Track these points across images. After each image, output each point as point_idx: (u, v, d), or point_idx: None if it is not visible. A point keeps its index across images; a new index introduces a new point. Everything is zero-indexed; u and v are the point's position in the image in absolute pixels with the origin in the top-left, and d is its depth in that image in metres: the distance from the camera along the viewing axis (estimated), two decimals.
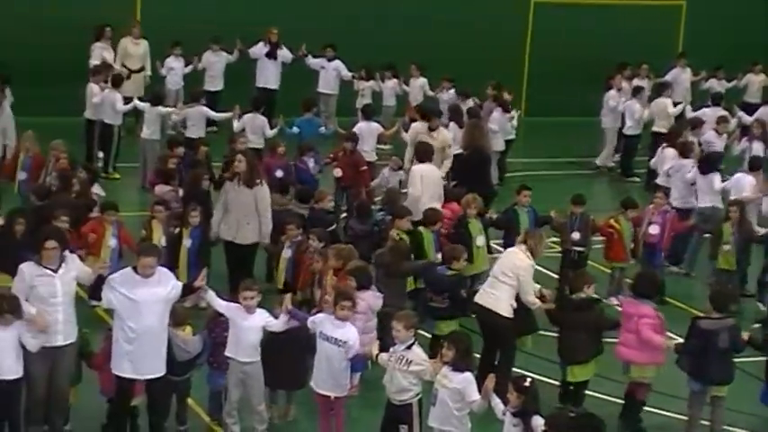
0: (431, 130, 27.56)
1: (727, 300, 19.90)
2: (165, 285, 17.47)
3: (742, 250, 25.11)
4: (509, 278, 19.58)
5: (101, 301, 19.70)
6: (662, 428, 19.70)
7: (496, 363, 19.67)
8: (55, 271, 17.55)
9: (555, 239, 24.71)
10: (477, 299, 20.02)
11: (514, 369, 19.58)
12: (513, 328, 19.64)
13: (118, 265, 21.37)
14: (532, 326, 20.31)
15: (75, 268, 17.96)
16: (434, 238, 22.75)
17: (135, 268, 17.49)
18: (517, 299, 19.86)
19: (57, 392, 17.77)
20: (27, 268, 17.66)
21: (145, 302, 17.10)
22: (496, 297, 19.60)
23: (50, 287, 17.48)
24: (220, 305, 18.11)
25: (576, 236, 23.91)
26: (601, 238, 25.07)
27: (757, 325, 21.49)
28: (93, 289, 20.14)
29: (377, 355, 17.29)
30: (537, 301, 19.76)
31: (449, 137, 27.64)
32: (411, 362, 16.69)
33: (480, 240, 23.27)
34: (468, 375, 16.20)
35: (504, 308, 19.51)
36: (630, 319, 19.04)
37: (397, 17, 36.75)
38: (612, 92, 33.83)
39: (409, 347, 16.85)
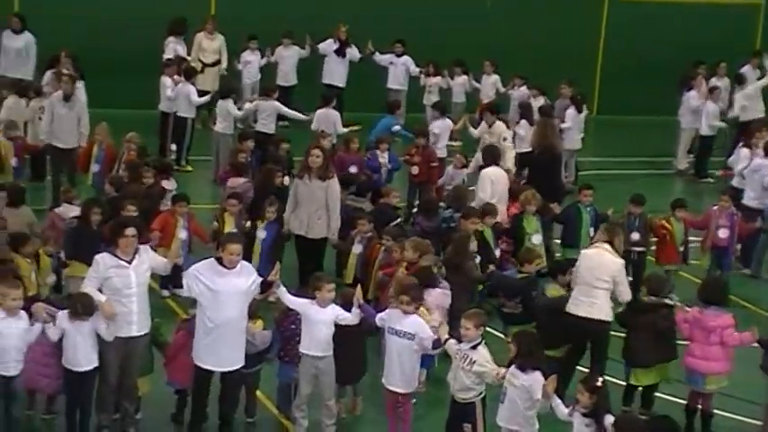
0: (488, 125, 27.74)
1: None
2: (247, 278, 17.58)
3: None
4: (606, 283, 19.15)
5: (175, 290, 20.97)
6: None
7: (587, 368, 18.95)
8: (129, 262, 17.61)
9: None
10: (573, 310, 19.37)
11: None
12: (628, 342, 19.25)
13: (187, 258, 22.00)
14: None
15: (148, 259, 18.03)
16: (492, 234, 22.71)
17: (219, 259, 17.63)
18: None
19: (128, 381, 17.90)
20: (102, 259, 17.71)
21: (226, 293, 17.25)
22: (596, 304, 19.18)
23: (125, 278, 17.57)
24: (291, 301, 18.06)
25: (635, 236, 23.30)
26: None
27: None
28: (168, 279, 20.41)
29: (446, 340, 17.20)
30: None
31: (503, 129, 27.60)
32: (475, 362, 16.59)
33: (536, 238, 23.11)
34: (537, 374, 15.99)
35: (606, 313, 19.26)
36: (713, 332, 18.40)
37: (468, 16, 36.50)
38: (694, 92, 33.29)
39: (475, 347, 16.73)
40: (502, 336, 20.30)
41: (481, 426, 16.91)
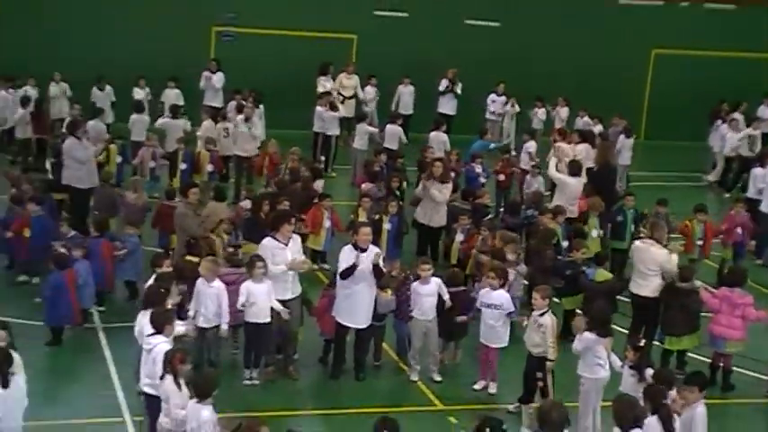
0: (569, 143, 27.60)
1: None
2: (375, 257, 18.06)
3: None
4: (653, 270, 19.40)
5: (323, 265, 21.84)
6: (746, 386, 19.21)
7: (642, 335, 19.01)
8: (286, 245, 18.12)
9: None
10: (634, 289, 19.80)
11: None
12: (664, 315, 19.40)
13: (330, 240, 22.72)
14: None
15: (297, 244, 18.59)
16: (562, 229, 22.41)
17: (355, 245, 18.02)
18: None
19: (289, 331, 18.31)
20: (267, 242, 18.31)
21: (360, 270, 17.67)
22: (648, 286, 19.44)
23: (283, 256, 18.02)
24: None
25: None
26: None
27: None
28: (315, 257, 20.70)
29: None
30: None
31: (581, 149, 27.49)
32: (542, 325, 16.85)
33: (595, 233, 22.99)
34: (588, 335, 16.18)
35: (654, 291, 19.42)
36: (738, 307, 18.58)
37: (548, 59, 35.54)
38: (722, 122, 32.83)
39: (542, 314, 16.96)
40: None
41: (550, 379, 16.92)
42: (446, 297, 18.48)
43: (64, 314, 19.23)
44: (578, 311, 19.23)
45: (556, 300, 19.48)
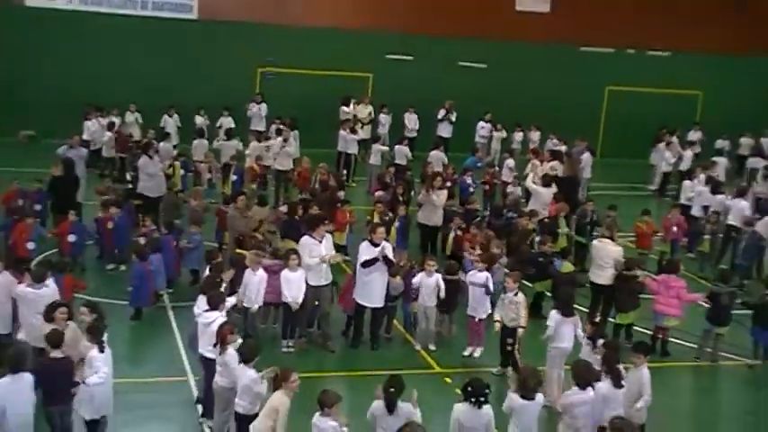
0: (541, 162, 27.86)
1: (727, 276, 20.23)
2: (386, 251, 18.29)
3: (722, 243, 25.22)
4: (608, 263, 19.69)
5: (346, 257, 21.36)
6: (680, 353, 19.55)
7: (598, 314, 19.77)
8: (320, 242, 18.35)
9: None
10: (592, 278, 20.14)
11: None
12: (615, 297, 19.71)
13: (349, 236, 22.94)
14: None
15: (329, 241, 18.74)
16: (537, 228, 22.72)
17: (371, 241, 18.28)
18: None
19: (322, 310, 18.60)
20: (306, 240, 18.50)
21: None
22: (604, 276, 19.75)
23: (318, 251, 18.25)
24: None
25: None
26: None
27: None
28: (338, 251, 20.79)
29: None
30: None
31: (553, 165, 27.68)
32: (516, 302, 17.33)
33: (563, 230, 23.19)
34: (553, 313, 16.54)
35: (609, 279, 19.74)
36: (673, 290, 19.00)
37: (524, 93, 35.76)
38: (662, 144, 33.09)
39: (516, 294, 17.44)
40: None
41: (518, 346, 17.40)
42: (442, 288, 18.58)
43: (145, 298, 19.65)
44: (547, 293, 20.28)
45: (528, 284, 20.01)
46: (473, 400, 12.52)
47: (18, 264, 17.05)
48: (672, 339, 19.62)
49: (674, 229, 24.72)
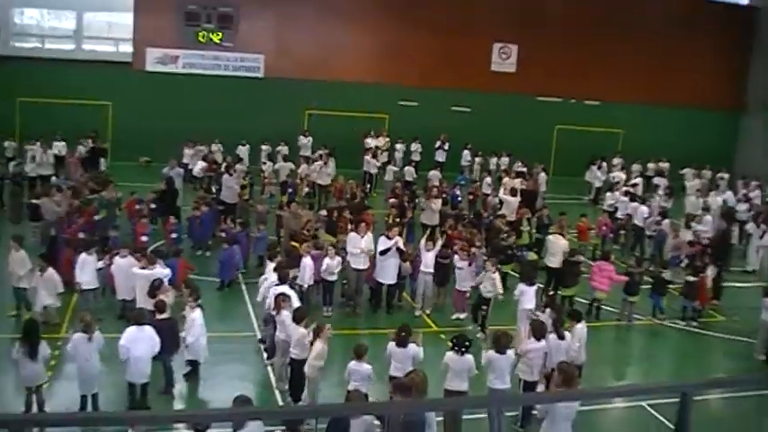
0: (511, 178, 27.89)
1: (639, 260, 20.35)
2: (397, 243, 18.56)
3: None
4: (561, 252, 19.83)
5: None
6: (609, 316, 19.68)
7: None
8: (362, 237, 18.50)
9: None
10: (548, 263, 20.23)
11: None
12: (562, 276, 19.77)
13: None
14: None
15: (369, 237, 18.72)
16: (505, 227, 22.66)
17: (386, 236, 18.52)
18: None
19: (360, 287, 18.72)
20: (352, 235, 18.77)
21: (389, 250, 18.44)
22: (557, 260, 19.86)
23: (359, 243, 18.48)
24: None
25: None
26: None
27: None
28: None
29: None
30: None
31: (518, 181, 27.71)
32: (493, 278, 17.56)
33: (525, 228, 22.99)
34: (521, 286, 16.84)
35: (558, 263, 19.82)
36: (603, 271, 19.25)
37: (498, 129, 35.43)
38: (594, 167, 32.92)
39: (493, 273, 17.65)
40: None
41: (490, 312, 17.62)
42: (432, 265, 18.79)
43: (228, 274, 19.91)
44: (512, 272, 20.17)
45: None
46: (457, 349, 12.77)
47: (136, 251, 17.46)
48: (603, 306, 19.77)
49: (604, 227, 24.81)
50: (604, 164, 33.75)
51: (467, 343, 12.97)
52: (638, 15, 36.50)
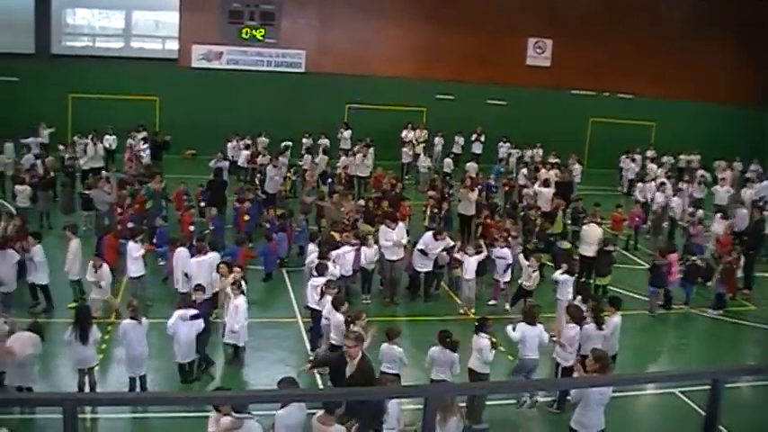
0: (546, 169, 27.64)
1: (664, 250, 20.10)
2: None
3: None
4: (596, 241, 19.65)
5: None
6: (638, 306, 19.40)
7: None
8: (393, 229, 18.49)
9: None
10: (581, 252, 19.97)
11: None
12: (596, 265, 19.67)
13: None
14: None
15: (401, 228, 18.84)
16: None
17: (435, 236, 18.48)
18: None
19: (397, 277, 18.67)
20: (383, 228, 18.74)
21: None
22: (592, 248, 19.65)
23: (391, 236, 18.45)
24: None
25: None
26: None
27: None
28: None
29: None
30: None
31: (552, 173, 27.31)
32: (532, 276, 17.66)
33: (560, 217, 22.76)
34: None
35: (593, 252, 19.64)
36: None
37: (532, 122, 34.84)
38: (627, 159, 32.56)
39: (534, 272, 17.78)
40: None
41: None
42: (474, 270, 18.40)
43: (271, 264, 19.98)
44: (548, 263, 19.81)
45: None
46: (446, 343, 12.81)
47: (184, 241, 17.69)
48: (635, 296, 19.58)
49: (637, 218, 24.64)
50: (638, 156, 33.45)
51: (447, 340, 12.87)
52: (671, 9, 36.04)
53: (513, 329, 13.64)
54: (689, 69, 36.23)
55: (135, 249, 17.29)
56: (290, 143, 29.82)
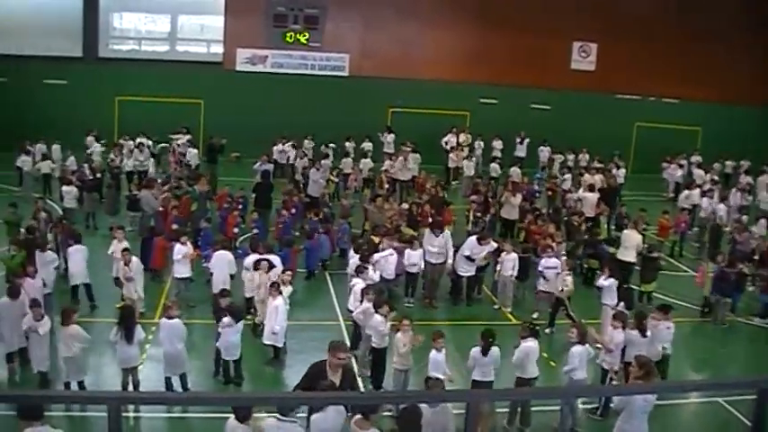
0: (591, 175, 27.51)
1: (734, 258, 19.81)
2: None
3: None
4: (636, 246, 19.58)
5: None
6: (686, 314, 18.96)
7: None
8: (437, 236, 18.46)
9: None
10: (619, 256, 19.72)
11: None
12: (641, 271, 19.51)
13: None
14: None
15: (446, 234, 18.71)
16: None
17: (479, 240, 18.52)
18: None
19: (438, 281, 18.71)
20: (428, 234, 18.70)
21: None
22: (632, 254, 19.57)
23: (436, 243, 18.40)
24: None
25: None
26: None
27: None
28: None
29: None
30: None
31: (598, 178, 27.23)
32: (565, 279, 17.54)
33: (603, 224, 22.86)
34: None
35: (633, 257, 19.55)
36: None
37: (576, 126, 34.74)
38: (673, 164, 32.36)
39: (568, 274, 17.77)
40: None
41: (571, 308, 17.37)
42: (516, 264, 18.53)
43: (314, 264, 20.09)
44: (595, 269, 19.62)
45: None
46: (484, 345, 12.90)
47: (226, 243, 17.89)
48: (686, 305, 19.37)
49: (683, 224, 24.40)
50: (684, 161, 33.05)
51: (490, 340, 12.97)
52: (717, 11, 35.53)
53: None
54: (735, 73, 35.73)
55: (180, 251, 17.50)
56: (332, 145, 29.96)
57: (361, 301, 14.92)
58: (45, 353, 13.66)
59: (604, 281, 16.82)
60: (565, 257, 18.69)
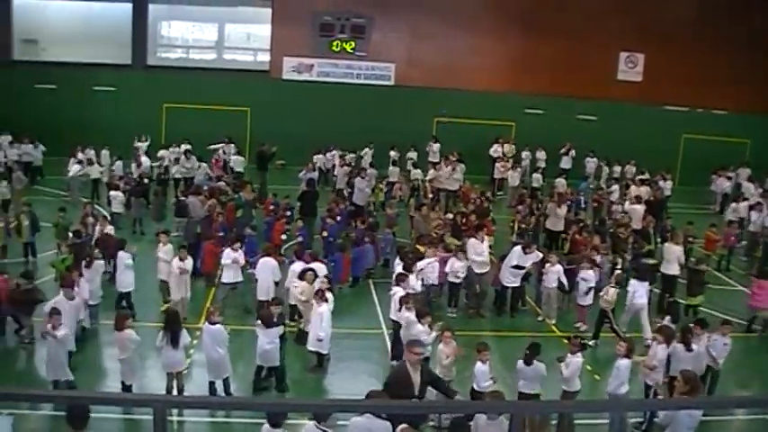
0: (639, 187, 27.24)
1: None
2: None
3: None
4: (676, 259, 19.44)
5: None
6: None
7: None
8: (482, 242, 18.60)
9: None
10: (662, 269, 19.61)
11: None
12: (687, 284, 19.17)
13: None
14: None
15: (486, 243, 18.81)
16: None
17: (524, 249, 18.51)
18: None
19: (484, 291, 18.50)
20: (473, 241, 18.75)
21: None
22: (673, 267, 19.43)
23: (482, 248, 18.52)
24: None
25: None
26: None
27: None
28: None
29: None
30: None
31: (644, 190, 27.06)
32: (609, 302, 17.33)
33: (651, 236, 22.37)
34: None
35: (675, 270, 19.44)
36: (764, 289, 18.68)
37: (622, 138, 34.41)
38: (721, 177, 31.95)
39: (613, 286, 17.51)
40: None
41: (615, 322, 17.20)
42: (564, 280, 18.43)
43: (360, 271, 20.20)
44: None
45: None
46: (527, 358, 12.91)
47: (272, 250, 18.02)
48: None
49: (732, 238, 24.08)
50: (732, 174, 32.65)
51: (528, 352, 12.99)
52: (765, 21, 35.03)
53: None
54: None
55: (229, 256, 17.70)
56: (367, 150, 30.06)
57: (399, 309, 14.92)
58: (62, 359, 13.49)
59: (637, 283, 17.09)
60: (615, 269, 18.63)
